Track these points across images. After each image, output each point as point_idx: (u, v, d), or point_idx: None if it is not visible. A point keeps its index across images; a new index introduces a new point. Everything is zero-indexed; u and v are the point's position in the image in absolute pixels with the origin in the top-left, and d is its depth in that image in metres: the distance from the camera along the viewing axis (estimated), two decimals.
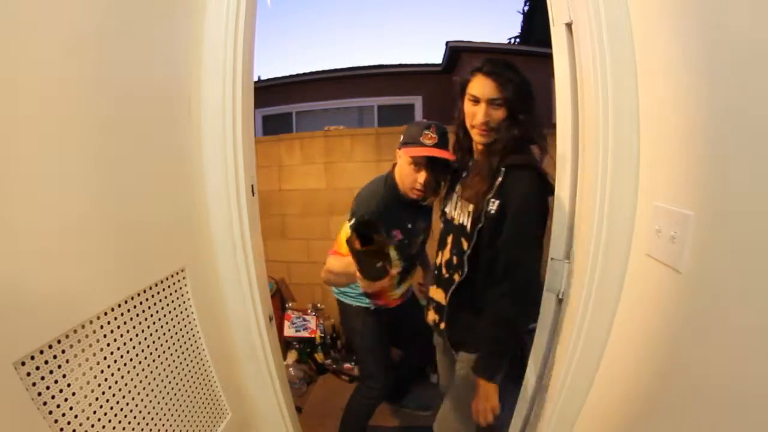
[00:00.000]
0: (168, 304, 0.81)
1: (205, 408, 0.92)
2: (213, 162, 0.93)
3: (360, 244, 0.86)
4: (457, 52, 4.76)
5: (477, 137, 0.99)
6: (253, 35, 0.96)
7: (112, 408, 0.66)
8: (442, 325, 1.08)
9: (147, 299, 0.75)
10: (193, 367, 0.88)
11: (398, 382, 1.89)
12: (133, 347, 0.71)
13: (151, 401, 0.75)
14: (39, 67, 0.54)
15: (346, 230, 1.18)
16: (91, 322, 0.62)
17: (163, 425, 0.78)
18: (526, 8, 7.06)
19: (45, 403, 0.54)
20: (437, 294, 1.12)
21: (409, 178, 1.20)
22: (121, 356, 0.68)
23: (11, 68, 0.50)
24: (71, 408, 0.58)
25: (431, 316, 1.17)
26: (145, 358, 0.74)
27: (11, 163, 0.50)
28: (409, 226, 1.31)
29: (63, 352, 0.57)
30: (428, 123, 1.18)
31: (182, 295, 0.86)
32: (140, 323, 0.73)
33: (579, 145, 0.86)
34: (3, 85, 0.49)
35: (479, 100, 0.95)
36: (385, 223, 1.12)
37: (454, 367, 1.14)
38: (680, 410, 0.57)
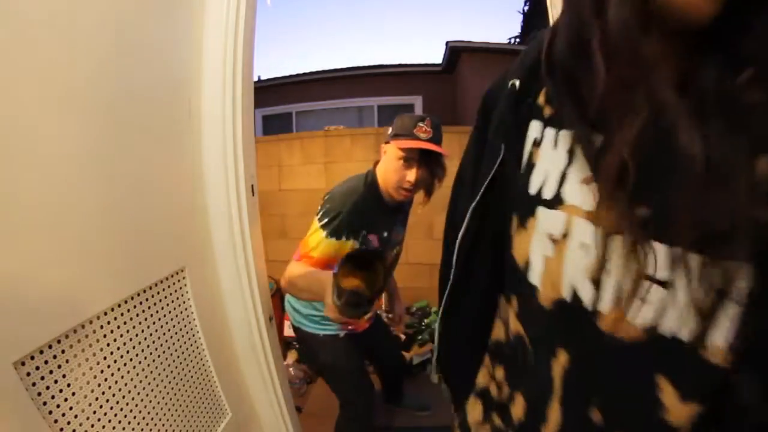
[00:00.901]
0: (168, 304, 0.81)
1: (205, 408, 0.92)
2: (213, 162, 0.93)
3: (348, 281, 0.70)
4: (457, 52, 4.75)
5: None
6: (253, 35, 0.96)
7: (112, 408, 0.66)
8: None
9: (147, 299, 0.75)
10: (193, 367, 0.88)
11: (391, 386, 1.86)
12: (133, 347, 0.71)
13: (151, 401, 0.75)
14: (39, 68, 0.54)
15: (317, 235, 1.02)
16: (91, 322, 0.62)
17: (163, 425, 0.78)
18: (526, 8, 7.06)
19: (45, 403, 0.54)
20: None
21: (397, 175, 1.05)
22: (121, 356, 0.68)
23: (11, 70, 0.50)
24: (71, 408, 0.58)
25: None
26: (145, 358, 0.74)
27: (11, 163, 0.50)
28: (385, 234, 1.15)
29: (63, 351, 0.57)
30: (422, 115, 1.06)
31: (182, 295, 0.86)
32: (140, 323, 0.73)
33: None
34: (3, 86, 0.49)
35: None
36: (361, 225, 1.03)
37: None
38: None
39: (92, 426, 0.62)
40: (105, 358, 0.65)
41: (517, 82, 0.35)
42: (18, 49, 0.50)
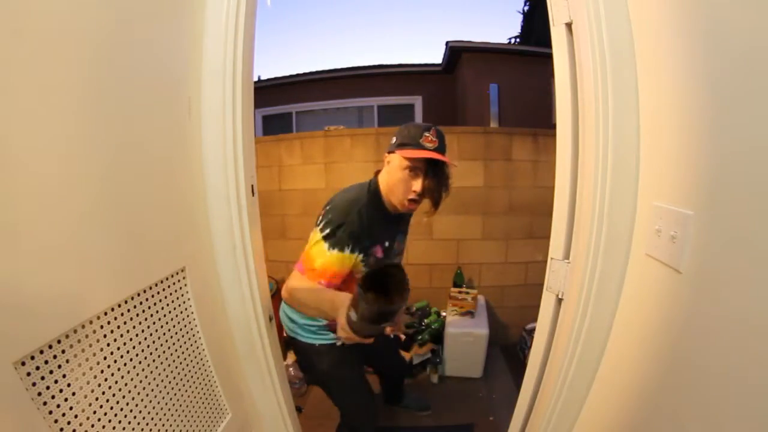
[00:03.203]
0: (168, 304, 0.81)
1: (205, 408, 0.92)
2: (213, 162, 0.93)
3: (371, 296, 0.65)
4: (457, 52, 4.75)
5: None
6: (253, 35, 0.96)
7: (112, 408, 0.66)
8: None
9: (147, 299, 0.75)
10: (193, 367, 0.88)
11: (388, 391, 1.86)
12: (133, 347, 0.71)
13: (151, 401, 0.75)
14: (38, 68, 0.54)
15: (319, 247, 0.99)
16: (91, 322, 0.62)
17: (163, 425, 0.78)
18: (526, 8, 7.06)
19: (45, 403, 0.54)
20: None
21: (402, 185, 1.04)
22: (121, 356, 0.68)
23: (10, 69, 0.50)
24: (71, 408, 0.58)
25: None
26: (145, 358, 0.74)
27: (12, 162, 0.50)
28: (388, 244, 1.12)
29: (63, 351, 0.57)
30: (427, 125, 1.06)
31: (182, 295, 0.86)
32: (140, 323, 0.73)
33: (579, 145, 0.86)
34: (2, 86, 0.49)
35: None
36: (364, 236, 1.01)
37: None
38: (681, 410, 0.57)
39: (92, 426, 0.62)
40: (105, 358, 0.65)
41: None
42: (18, 49, 0.50)
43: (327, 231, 0.99)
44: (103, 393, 0.64)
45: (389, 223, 1.13)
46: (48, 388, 0.55)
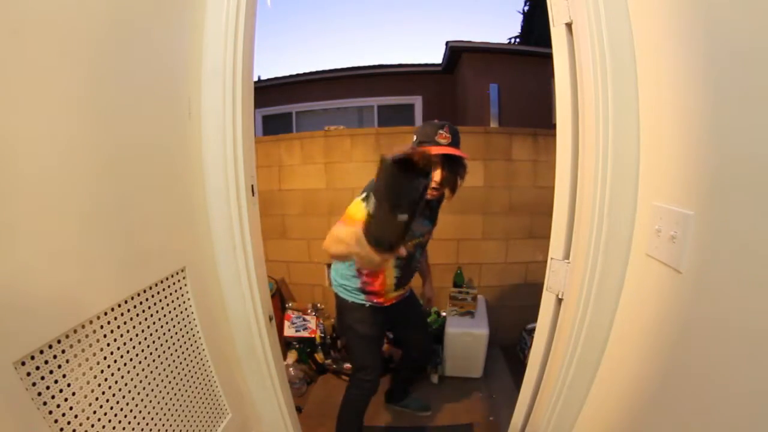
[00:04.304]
0: (168, 304, 0.81)
1: (205, 408, 0.92)
2: (213, 162, 0.93)
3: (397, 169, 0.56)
4: (457, 52, 4.75)
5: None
6: (253, 35, 0.96)
7: (112, 408, 0.66)
8: None
9: (147, 299, 0.75)
10: (193, 367, 0.88)
11: (398, 384, 1.89)
12: (133, 347, 0.71)
13: (151, 401, 0.75)
14: (38, 68, 0.54)
15: (357, 205, 1.14)
16: (91, 322, 0.62)
17: (163, 425, 0.78)
18: (526, 8, 7.06)
19: (45, 403, 0.54)
20: None
21: None
22: (121, 356, 0.68)
23: (10, 70, 0.50)
24: (71, 408, 0.58)
25: None
26: (145, 358, 0.74)
27: (12, 162, 0.50)
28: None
29: (63, 351, 0.57)
30: (441, 123, 1.22)
31: (182, 295, 0.86)
32: (140, 323, 0.73)
33: (579, 145, 0.86)
34: (2, 86, 0.49)
35: None
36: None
37: None
38: (681, 410, 0.57)
39: (92, 426, 0.62)
40: (105, 358, 0.65)
41: None
42: (18, 49, 0.50)
43: (363, 194, 1.18)
44: (103, 393, 0.64)
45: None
46: (48, 388, 0.55)
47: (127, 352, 0.70)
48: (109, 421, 0.65)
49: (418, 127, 1.27)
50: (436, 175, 1.19)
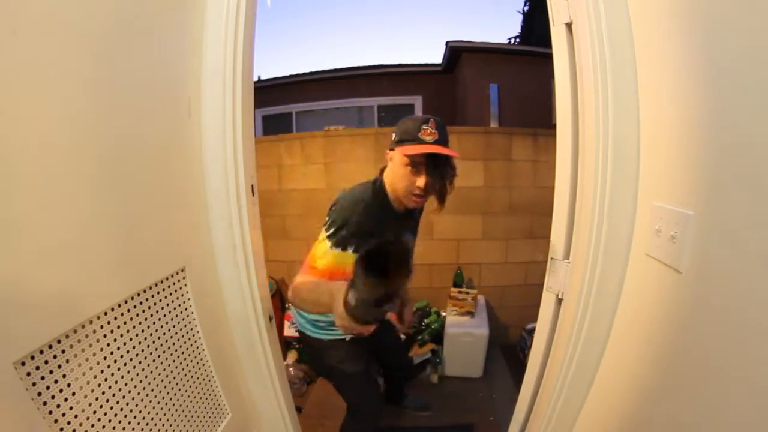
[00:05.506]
0: (168, 304, 0.81)
1: (205, 408, 0.92)
2: (213, 162, 0.93)
3: (368, 275, 0.60)
4: (457, 52, 4.75)
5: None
6: (253, 35, 0.96)
7: (112, 408, 0.66)
8: None
9: (147, 299, 0.75)
10: (193, 367, 0.88)
11: (393, 387, 1.85)
12: (133, 347, 0.71)
13: (151, 401, 0.75)
14: (38, 68, 0.54)
15: (323, 245, 1.00)
16: (91, 322, 0.62)
17: (163, 425, 0.78)
18: (526, 8, 7.06)
19: (45, 403, 0.54)
20: None
21: (406, 182, 1.01)
22: (121, 356, 0.68)
23: (10, 68, 0.50)
24: (71, 408, 0.58)
25: None
26: (145, 358, 0.74)
27: (12, 162, 0.50)
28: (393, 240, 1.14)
29: (63, 351, 0.57)
30: (425, 117, 1.00)
31: (182, 295, 0.86)
32: (140, 323, 0.73)
33: (579, 145, 0.86)
34: (2, 84, 0.49)
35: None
36: (368, 234, 0.99)
37: None
38: (681, 410, 0.57)
39: (92, 426, 0.62)
40: (105, 358, 0.65)
41: None
42: (18, 49, 0.50)
43: (330, 230, 1.00)
44: (103, 393, 0.64)
45: (395, 219, 1.12)
46: (48, 388, 0.55)
47: (128, 352, 0.70)
48: (109, 421, 0.65)
49: (399, 122, 1.05)
50: (420, 181, 0.99)
